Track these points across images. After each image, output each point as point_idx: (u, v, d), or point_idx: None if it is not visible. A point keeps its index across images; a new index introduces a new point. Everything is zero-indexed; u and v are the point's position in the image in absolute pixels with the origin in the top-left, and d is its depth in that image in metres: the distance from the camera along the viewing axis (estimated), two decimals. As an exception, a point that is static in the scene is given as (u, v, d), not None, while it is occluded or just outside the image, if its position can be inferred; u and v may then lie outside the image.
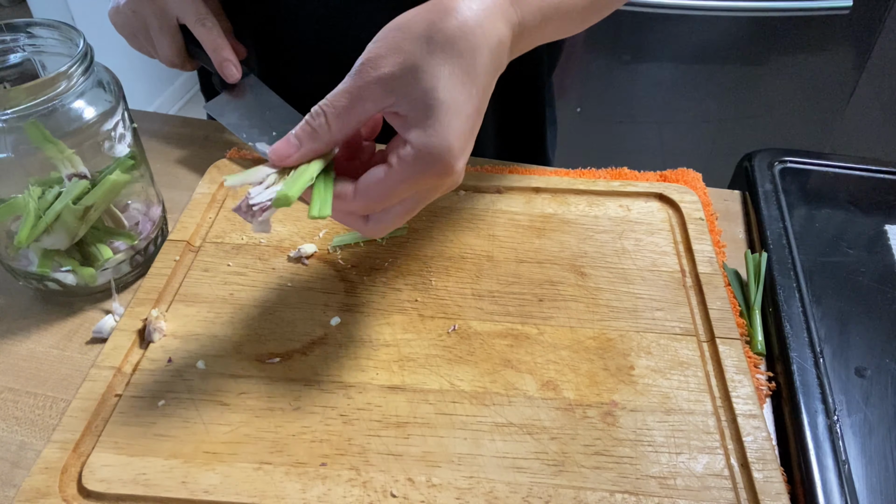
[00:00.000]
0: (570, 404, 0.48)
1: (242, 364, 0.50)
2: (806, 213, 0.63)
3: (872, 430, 0.46)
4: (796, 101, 1.50)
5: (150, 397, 0.48)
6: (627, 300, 0.55)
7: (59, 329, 0.54)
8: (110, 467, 0.44)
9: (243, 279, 0.56)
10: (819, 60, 1.43)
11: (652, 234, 0.61)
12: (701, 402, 0.48)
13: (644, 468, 0.44)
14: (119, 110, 0.53)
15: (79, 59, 0.49)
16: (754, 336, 0.53)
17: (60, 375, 0.51)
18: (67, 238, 0.52)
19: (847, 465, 0.44)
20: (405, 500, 0.42)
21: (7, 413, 0.48)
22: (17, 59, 0.52)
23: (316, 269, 0.57)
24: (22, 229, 0.50)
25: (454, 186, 0.43)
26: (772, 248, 0.58)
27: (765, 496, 0.42)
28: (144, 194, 0.58)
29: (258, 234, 0.60)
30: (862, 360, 0.50)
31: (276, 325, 0.53)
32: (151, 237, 0.58)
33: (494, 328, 0.53)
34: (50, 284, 0.54)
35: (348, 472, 0.44)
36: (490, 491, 0.43)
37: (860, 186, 0.66)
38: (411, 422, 0.46)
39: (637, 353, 0.51)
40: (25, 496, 0.42)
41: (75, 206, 0.51)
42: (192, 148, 0.72)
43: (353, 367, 0.50)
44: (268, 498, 0.42)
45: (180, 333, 0.52)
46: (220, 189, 0.64)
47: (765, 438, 0.45)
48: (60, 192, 0.51)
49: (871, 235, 0.61)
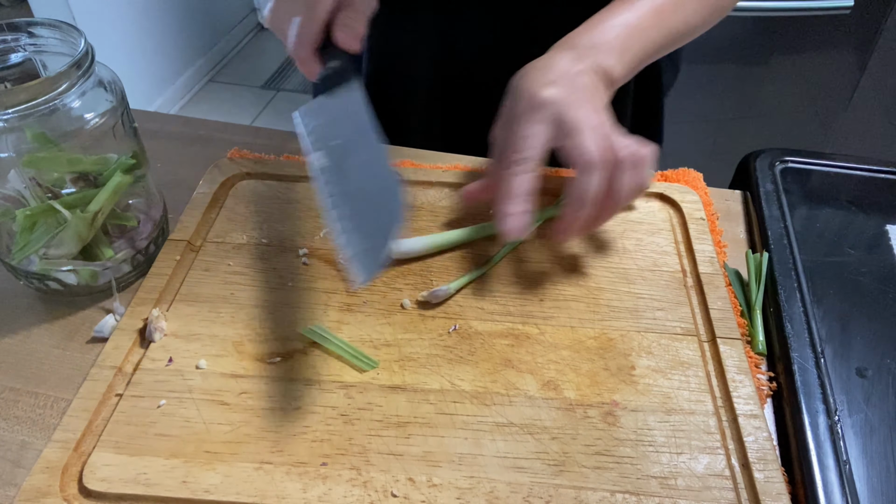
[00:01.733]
0: (571, 404, 0.48)
1: (243, 364, 0.50)
2: (807, 213, 0.63)
3: (873, 430, 0.46)
4: (797, 101, 1.50)
5: (151, 397, 0.48)
6: (628, 300, 0.55)
7: (60, 328, 0.54)
8: (111, 467, 0.44)
9: (244, 279, 0.56)
10: (820, 60, 1.43)
11: (653, 233, 0.61)
12: (702, 402, 0.48)
13: (645, 468, 0.44)
14: (120, 110, 0.53)
15: (79, 59, 0.49)
16: (755, 336, 0.53)
17: (61, 375, 0.51)
18: (77, 245, 0.53)
19: (848, 466, 0.44)
20: (406, 499, 0.42)
21: (8, 412, 0.48)
22: (18, 58, 0.52)
23: (316, 268, 0.57)
24: (24, 245, 0.51)
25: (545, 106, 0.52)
26: (773, 248, 0.58)
27: (766, 496, 0.42)
28: (145, 194, 0.58)
29: (261, 237, 0.60)
30: (863, 360, 0.50)
31: (276, 325, 0.53)
32: (152, 236, 0.58)
33: (495, 328, 0.53)
34: (51, 284, 0.54)
35: (349, 471, 0.44)
36: (491, 491, 0.43)
37: (861, 186, 0.66)
38: (412, 421, 0.46)
39: (638, 352, 0.51)
40: (26, 496, 0.42)
41: (84, 214, 0.51)
42: (193, 147, 0.73)
43: (353, 366, 0.50)
44: (268, 498, 0.42)
45: (181, 333, 0.52)
46: (220, 189, 0.64)
47: (766, 438, 0.45)
48: (63, 195, 0.51)
49: (872, 235, 0.61)
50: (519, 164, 0.51)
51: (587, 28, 0.58)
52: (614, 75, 0.56)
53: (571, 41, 0.57)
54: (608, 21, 0.58)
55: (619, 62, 0.57)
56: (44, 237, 0.51)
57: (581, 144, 0.50)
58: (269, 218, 0.62)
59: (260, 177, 0.66)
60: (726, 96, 1.49)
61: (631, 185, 0.52)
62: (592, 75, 0.54)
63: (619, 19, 0.58)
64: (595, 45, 0.56)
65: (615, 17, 0.58)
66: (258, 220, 0.62)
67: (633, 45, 0.58)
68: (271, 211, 0.62)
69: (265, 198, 0.64)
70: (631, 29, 0.58)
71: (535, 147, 0.51)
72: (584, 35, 0.57)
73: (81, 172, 0.52)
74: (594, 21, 0.59)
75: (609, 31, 0.57)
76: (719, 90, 1.46)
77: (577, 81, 0.53)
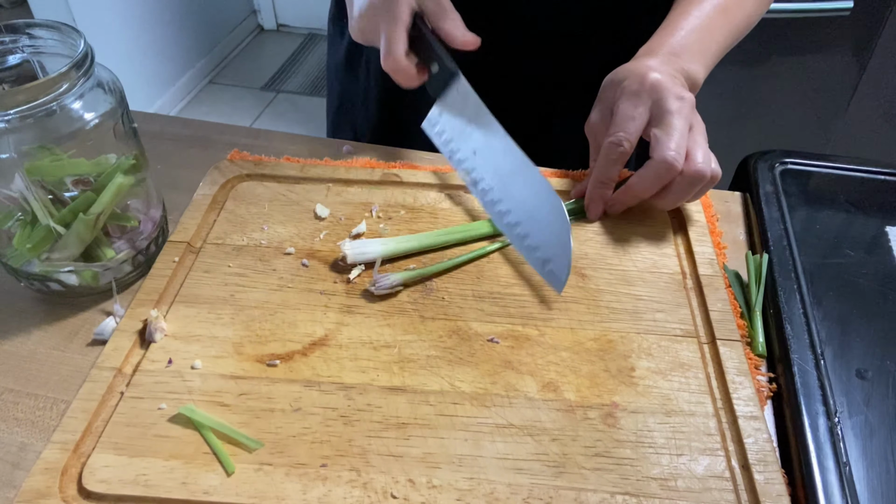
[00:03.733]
0: (571, 406, 0.48)
1: (243, 365, 0.50)
2: (807, 214, 0.63)
3: (873, 431, 0.46)
4: (797, 103, 1.50)
5: (151, 398, 0.48)
6: (628, 302, 0.55)
7: (59, 330, 0.54)
8: (110, 468, 0.44)
9: (244, 280, 0.56)
10: (820, 62, 1.43)
11: (652, 235, 0.61)
12: (702, 403, 0.48)
13: (645, 469, 0.44)
14: (119, 111, 0.53)
15: (79, 60, 0.49)
16: (755, 338, 0.53)
17: (61, 377, 0.51)
18: (79, 247, 0.53)
19: (848, 467, 0.44)
20: (406, 501, 0.42)
21: (7, 414, 0.48)
22: (17, 59, 0.52)
23: (316, 270, 0.57)
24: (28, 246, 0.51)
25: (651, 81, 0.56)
26: (773, 250, 0.58)
27: (766, 498, 0.42)
28: (145, 195, 0.58)
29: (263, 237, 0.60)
30: (863, 361, 0.50)
31: (276, 327, 0.53)
32: (153, 236, 0.58)
33: (495, 329, 0.53)
34: (52, 285, 0.54)
35: (349, 473, 0.44)
36: (490, 492, 0.43)
37: (861, 188, 0.66)
38: (412, 423, 0.46)
39: (638, 354, 0.51)
40: (26, 497, 0.42)
41: (87, 217, 0.51)
42: (193, 149, 0.73)
43: (353, 368, 0.50)
44: (268, 499, 0.42)
45: (181, 334, 0.52)
46: (220, 190, 0.64)
47: (766, 440, 0.45)
48: (64, 197, 0.51)
49: (871, 237, 0.61)
50: (619, 145, 0.56)
51: (663, 35, 0.60)
52: (698, 79, 0.59)
53: (652, 49, 0.60)
54: (681, 26, 0.60)
55: (701, 66, 0.59)
56: (43, 246, 0.52)
57: (665, 142, 0.54)
58: (269, 220, 0.62)
59: (260, 178, 0.66)
60: (726, 98, 1.49)
61: (677, 198, 0.57)
62: (682, 79, 0.58)
63: (690, 23, 0.60)
64: (676, 51, 0.59)
65: (685, 20, 0.60)
66: (258, 221, 0.62)
67: (709, 48, 0.61)
68: (271, 213, 0.62)
69: (265, 199, 0.64)
70: (704, 32, 0.60)
71: (635, 131, 0.56)
72: (664, 42, 0.60)
73: (82, 175, 0.52)
74: (668, 28, 0.61)
75: (686, 37, 0.59)
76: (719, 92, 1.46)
77: (676, 78, 0.57)
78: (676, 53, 0.59)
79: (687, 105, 0.56)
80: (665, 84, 0.56)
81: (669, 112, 0.55)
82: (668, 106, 0.55)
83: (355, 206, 0.63)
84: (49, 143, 0.49)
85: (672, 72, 0.57)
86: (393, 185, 0.66)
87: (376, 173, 0.66)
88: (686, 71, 0.58)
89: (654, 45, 0.60)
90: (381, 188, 0.65)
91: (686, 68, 0.59)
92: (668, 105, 0.55)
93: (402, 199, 0.64)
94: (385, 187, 0.65)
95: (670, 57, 0.58)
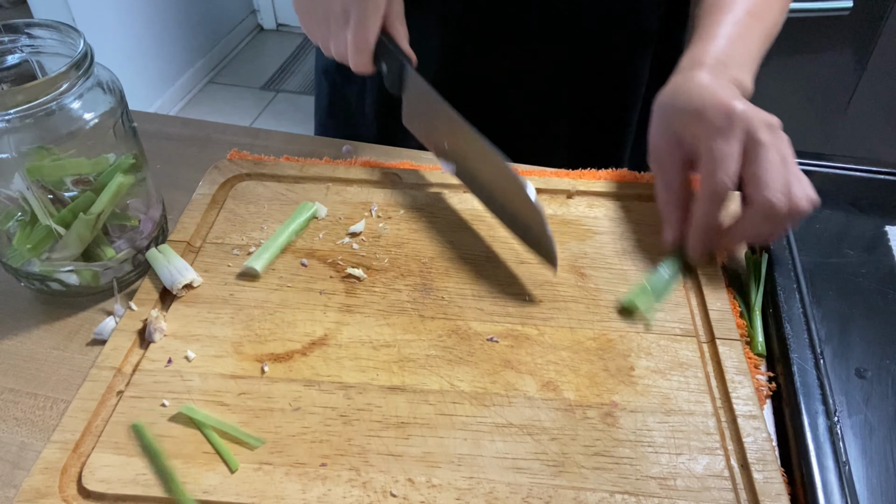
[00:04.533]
0: (570, 405, 0.48)
1: (242, 364, 0.50)
2: (806, 213, 0.63)
3: (873, 431, 0.46)
4: (797, 103, 1.50)
5: (150, 398, 0.48)
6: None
7: (59, 330, 0.54)
8: (110, 467, 0.44)
9: (243, 280, 0.56)
10: (820, 62, 1.43)
11: (652, 235, 0.61)
12: (701, 402, 0.48)
13: (644, 469, 0.44)
14: (119, 111, 0.53)
15: (78, 60, 0.49)
16: (754, 337, 0.53)
17: (61, 376, 0.51)
18: (79, 247, 0.53)
19: (847, 467, 0.44)
20: (405, 500, 0.42)
21: (7, 414, 0.48)
22: (16, 59, 0.52)
23: (316, 269, 0.57)
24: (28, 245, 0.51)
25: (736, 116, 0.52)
26: (772, 249, 0.58)
27: (765, 497, 0.42)
28: (145, 195, 0.58)
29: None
30: (862, 361, 0.50)
31: (276, 326, 0.53)
32: (153, 236, 0.58)
33: (494, 329, 0.53)
34: (52, 285, 0.54)
35: (348, 472, 0.44)
36: (490, 491, 0.43)
37: (860, 187, 0.66)
38: (411, 422, 0.46)
39: (637, 353, 0.51)
40: (25, 496, 0.42)
41: (87, 217, 0.51)
42: (192, 149, 0.73)
43: (353, 367, 0.50)
44: (268, 498, 0.42)
45: (180, 334, 0.52)
46: (220, 190, 0.64)
47: (765, 439, 0.45)
48: (64, 197, 0.51)
49: (871, 237, 0.61)
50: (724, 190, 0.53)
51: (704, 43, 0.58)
52: (749, 89, 0.57)
53: (698, 60, 0.57)
54: (719, 34, 0.58)
55: (749, 74, 0.58)
56: (43, 246, 0.52)
57: (768, 183, 0.51)
58: (269, 219, 0.62)
59: (259, 178, 0.66)
60: (726, 97, 1.48)
61: (778, 235, 0.56)
62: (738, 91, 0.55)
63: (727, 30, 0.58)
64: (723, 61, 0.57)
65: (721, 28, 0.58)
66: (258, 221, 0.62)
67: (751, 54, 0.59)
68: (271, 212, 0.62)
69: (265, 199, 0.64)
70: (744, 39, 0.58)
71: (735, 171, 0.52)
72: (707, 50, 0.57)
73: (82, 175, 0.52)
74: (705, 36, 0.59)
75: (728, 45, 0.58)
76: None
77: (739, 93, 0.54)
78: (724, 63, 0.56)
79: (776, 133, 0.53)
80: (751, 115, 0.52)
81: (763, 146, 0.51)
82: (761, 138, 0.51)
83: (355, 205, 0.63)
84: (49, 142, 0.49)
85: (728, 84, 0.55)
86: (392, 184, 0.66)
87: (376, 173, 0.66)
88: (738, 80, 0.56)
89: (697, 55, 0.57)
90: (381, 188, 0.65)
91: (737, 77, 0.56)
92: (760, 137, 0.51)
93: (402, 199, 0.64)
94: (385, 187, 0.65)
95: (720, 67, 0.56)
